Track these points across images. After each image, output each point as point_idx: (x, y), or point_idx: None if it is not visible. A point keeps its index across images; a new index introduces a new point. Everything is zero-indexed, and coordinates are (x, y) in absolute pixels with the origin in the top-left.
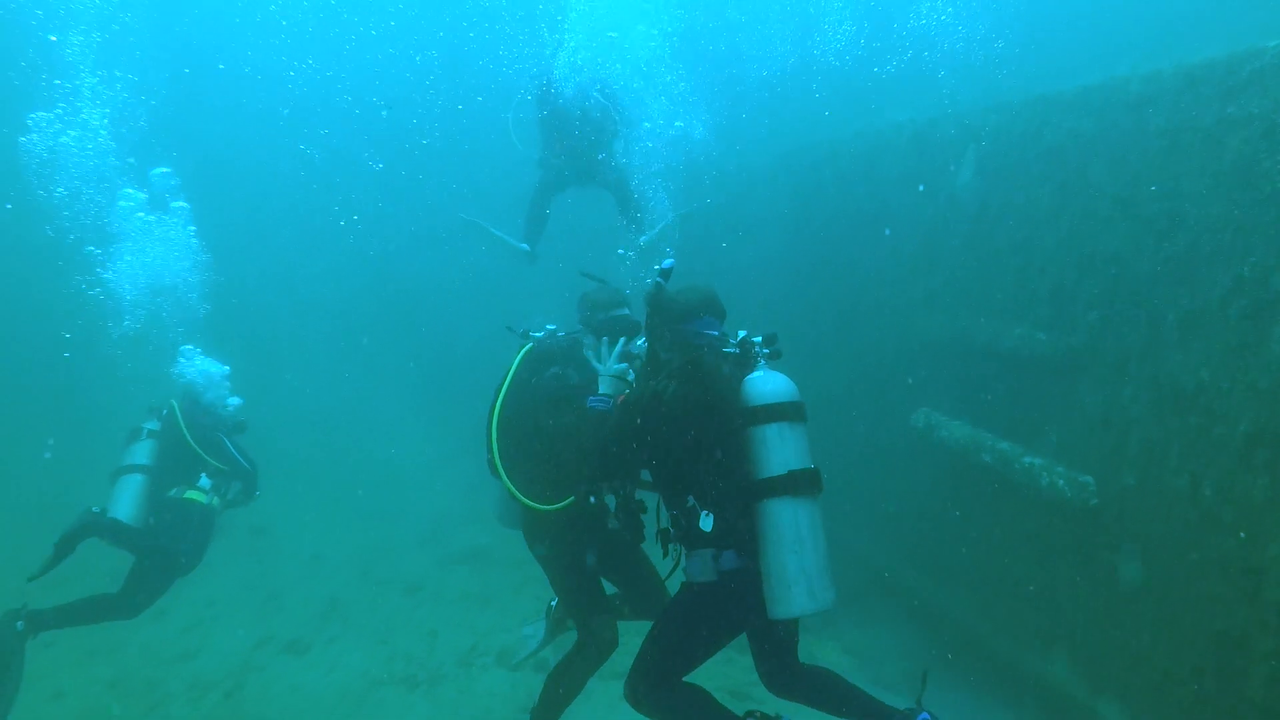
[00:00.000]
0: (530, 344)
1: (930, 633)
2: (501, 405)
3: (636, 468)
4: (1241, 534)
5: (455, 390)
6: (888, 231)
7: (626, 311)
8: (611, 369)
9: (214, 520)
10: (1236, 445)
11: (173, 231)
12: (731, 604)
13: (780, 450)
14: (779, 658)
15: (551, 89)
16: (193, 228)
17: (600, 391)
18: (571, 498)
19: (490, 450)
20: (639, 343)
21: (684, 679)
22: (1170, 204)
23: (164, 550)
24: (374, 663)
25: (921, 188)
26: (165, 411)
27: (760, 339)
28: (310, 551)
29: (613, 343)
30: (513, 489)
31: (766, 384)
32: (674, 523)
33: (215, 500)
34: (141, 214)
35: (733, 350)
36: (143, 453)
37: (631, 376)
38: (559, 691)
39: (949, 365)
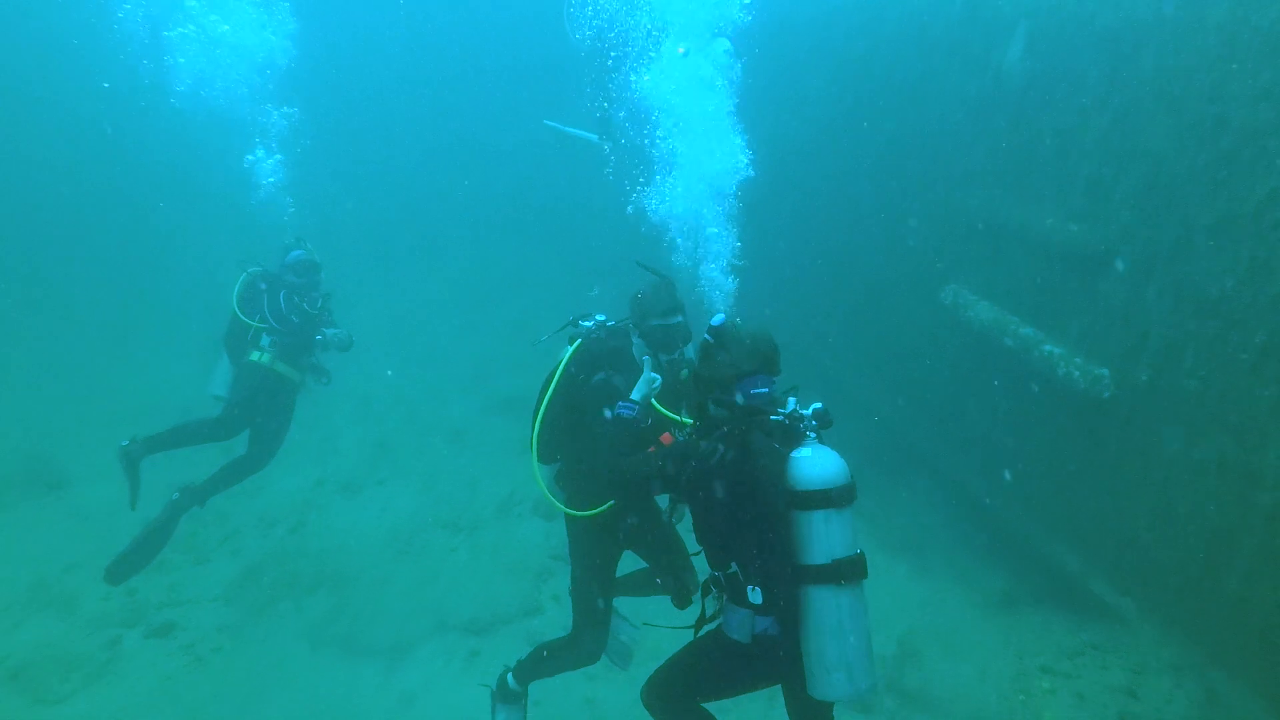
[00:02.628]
0: (580, 340)
1: (941, 498)
2: (549, 402)
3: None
4: (1243, 439)
5: (500, 229)
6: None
7: (680, 319)
8: (648, 376)
9: (265, 374)
10: (1250, 355)
11: None
12: (761, 666)
13: (825, 538)
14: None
15: None
16: None
17: (632, 397)
18: (606, 504)
19: (532, 446)
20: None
21: (701, 705)
22: (1217, 106)
23: (224, 423)
24: (420, 506)
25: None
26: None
27: (810, 411)
28: (361, 393)
29: (656, 352)
30: (547, 493)
31: (815, 468)
32: (715, 582)
33: (265, 357)
34: None
35: (780, 419)
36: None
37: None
38: (540, 665)
39: (981, 245)
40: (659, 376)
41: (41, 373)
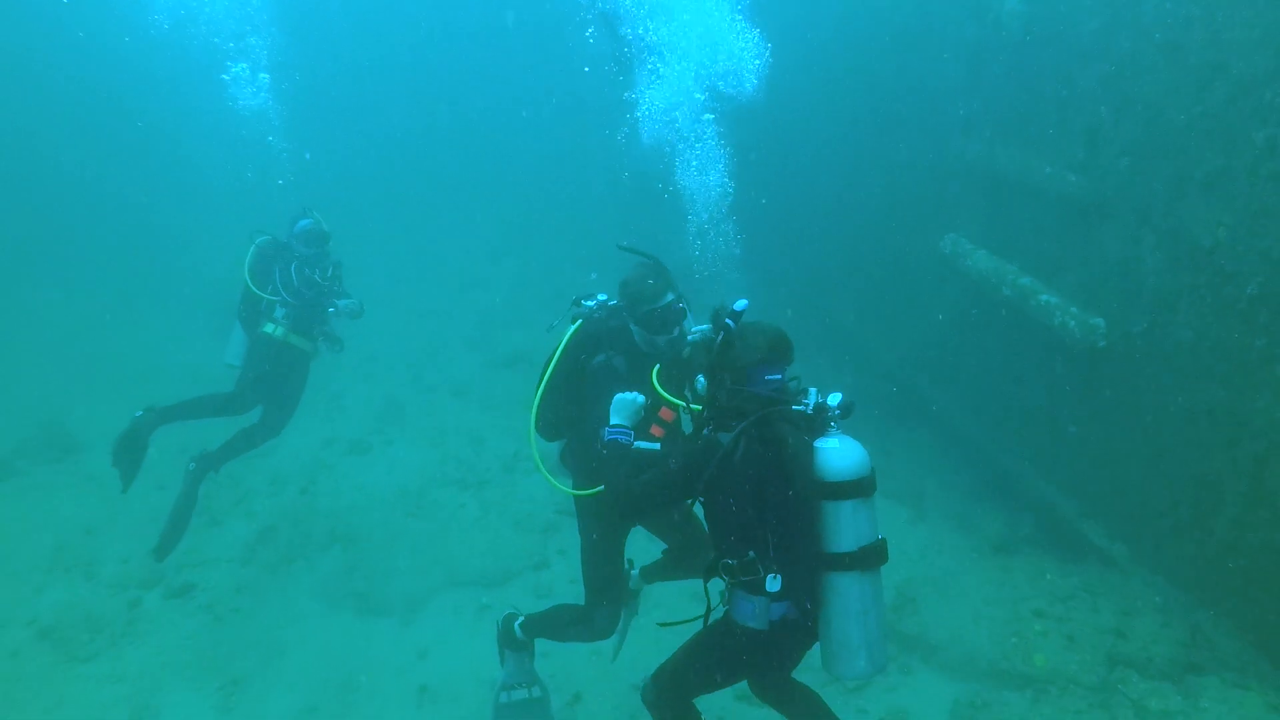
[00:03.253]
0: (581, 320)
1: (939, 444)
2: (549, 382)
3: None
4: (1234, 388)
5: (506, 186)
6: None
7: (672, 297)
8: (629, 399)
9: (280, 348)
10: (1242, 306)
11: None
12: (773, 652)
13: (853, 527)
14: (778, 676)
15: None
16: None
17: (613, 422)
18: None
19: (531, 426)
20: (691, 331)
21: (694, 699)
22: (1215, 54)
23: (238, 398)
24: (428, 464)
25: None
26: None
27: (835, 403)
28: (365, 351)
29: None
30: (547, 475)
31: (843, 460)
32: (727, 570)
33: (279, 330)
34: None
35: (802, 409)
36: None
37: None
38: (551, 628)
39: (980, 193)
40: (641, 396)
41: (51, 339)
